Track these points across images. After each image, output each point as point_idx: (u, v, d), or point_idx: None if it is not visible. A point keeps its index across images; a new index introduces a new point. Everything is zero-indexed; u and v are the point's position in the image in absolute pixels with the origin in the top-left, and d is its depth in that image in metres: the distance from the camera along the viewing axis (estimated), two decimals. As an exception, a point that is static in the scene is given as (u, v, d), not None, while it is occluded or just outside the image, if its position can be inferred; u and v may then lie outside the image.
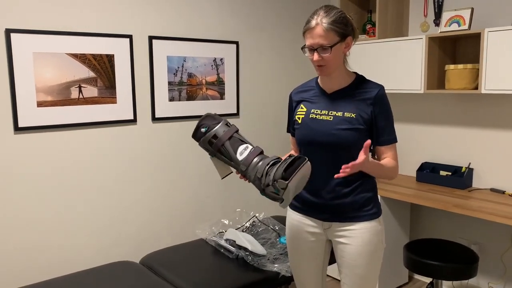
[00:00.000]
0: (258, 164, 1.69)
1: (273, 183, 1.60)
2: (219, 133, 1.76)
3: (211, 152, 1.79)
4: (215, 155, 1.79)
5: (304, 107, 1.82)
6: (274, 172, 1.61)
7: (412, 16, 3.26)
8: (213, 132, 1.76)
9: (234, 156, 1.73)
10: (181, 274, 2.24)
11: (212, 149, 1.77)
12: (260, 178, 1.66)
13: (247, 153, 1.72)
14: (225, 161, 1.77)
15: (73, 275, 2.24)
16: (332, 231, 1.81)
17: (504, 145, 2.86)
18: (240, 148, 1.74)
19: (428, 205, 2.68)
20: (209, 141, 1.76)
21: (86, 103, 2.55)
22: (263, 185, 1.65)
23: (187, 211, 3.07)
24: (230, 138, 1.76)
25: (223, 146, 1.75)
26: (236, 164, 1.73)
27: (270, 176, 1.62)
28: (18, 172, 2.37)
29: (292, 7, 3.47)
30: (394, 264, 3.19)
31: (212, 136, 1.75)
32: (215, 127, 1.77)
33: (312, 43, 1.67)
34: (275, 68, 3.44)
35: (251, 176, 1.69)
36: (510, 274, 2.91)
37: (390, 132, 1.76)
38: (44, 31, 2.36)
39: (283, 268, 2.25)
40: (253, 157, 1.71)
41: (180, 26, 2.90)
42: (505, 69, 2.50)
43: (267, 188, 1.64)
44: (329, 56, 1.67)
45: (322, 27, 1.64)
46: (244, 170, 1.70)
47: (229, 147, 1.74)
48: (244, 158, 1.71)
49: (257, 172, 1.67)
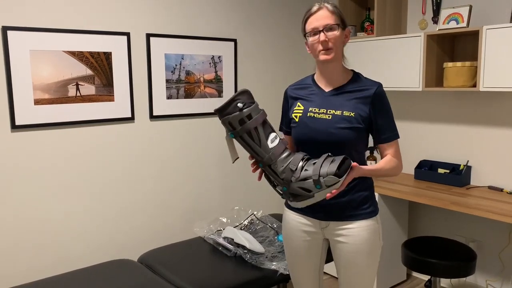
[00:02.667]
0: (289, 156, 1.61)
1: (319, 178, 1.52)
2: (254, 114, 1.60)
3: (237, 132, 1.60)
4: (240, 136, 1.62)
5: (301, 105, 1.81)
6: (321, 167, 1.53)
7: (410, 13, 3.25)
8: (248, 111, 1.59)
9: (265, 142, 1.60)
10: (179, 272, 2.24)
11: (241, 129, 1.59)
12: (293, 171, 1.57)
13: (277, 142, 1.63)
14: (250, 145, 1.61)
15: (71, 274, 2.24)
16: (330, 230, 1.81)
17: (502, 142, 2.86)
18: (271, 136, 1.63)
19: (426, 202, 2.68)
20: (241, 120, 1.59)
21: (83, 101, 2.54)
22: (295, 178, 1.57)
23: (185, 209, 3.06)
24: (263, 123, 1.63)
25: (256, 129, 1.60)
26: (265, 151, 1.60)
27: (317, 171, 1.53)
28: (15, 170, 2.37)
29: (290, 5, 3.47)
30: (392, 262, 3.19)
31: (247, 116, 1.59)
32: (251, 106, 1.61)
33: (317, 25, 1.68)
34: (273, 66, 3.43)
35: (279, 167, 1.59)
36: (508, 272, 2.91)
37: (391, 129, 1.76)
38: (41, 28, 2.35)
39: (281, 266, 2.25)
40: (283, 148, 1.63)
41: (178, 24, 2.89)
42: (503, 66, 2.50)
43: (298, 183, 1.56)
44: (336, 35, 1.69)
45: (327, 9, 1.69)
46: (272, 159, 1.60)
47: (262, 132, 1.61)
48: (274, 146, 1.61)
49: (290, 164, 1.58)
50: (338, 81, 1.78)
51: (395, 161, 1.76)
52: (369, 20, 3.36)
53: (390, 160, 1.76)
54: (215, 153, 3.17)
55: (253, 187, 3.41)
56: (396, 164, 1.76)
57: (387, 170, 1.74)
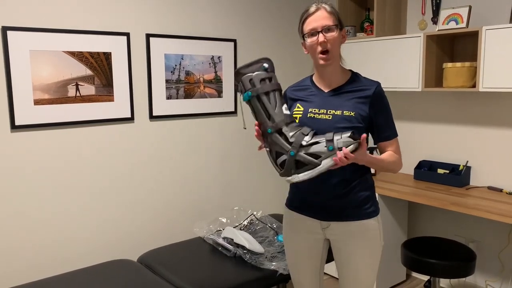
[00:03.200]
0: (300, 126, 1.64)
1: (333, 138, 1.53)
2: (275, 80, 1.65)
3: (256, 90, 1.62)
4: (257, 96, 1.63)
5: (300, 106, 1.81)
6: (333, 133, 1.56)
7: (410, 14, 3.25)
8: (271, 75, 1.64)
9: (280, 108, 1.62)
10: (178, 272, 2.24)
11: (261, 87, 1.61)
12: (305, 135, 1.59)
13: (289, 112, 1.67)
14: (266, 106, 1.63)
15: (71, 274, 2.24)
16: (331, 230, 1.81)
17: (501, 143, 2.86)
18: (285, 105, 1.66)
19: (426, 203, 2.68)
20: (263, 80, 1.63)
21: (83, 101, 2.54)
22: (306, 142, 1.57)
23: (184, 209, 3.06)
24: (280, 91, 1.67)
25: (274, 92, 1.64)
26: (278, 116, 1.61)
27: (330, 135, 1.54)
28: (15, 170, 2.36)
29: (289, 5, 3.47)
30: (392, 262, 3.19)
31: (269, 78, 1.63)
32: (273, 72, 1.67)
33: (316, 26, 1.68)
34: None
35: (290, 131, 1.60)
36: (507, 272, 2.92)
37: (390, 128, 1.77)
38: (41, 28, 2.35)
39: (280, 266, 2.25)
40: (293, 119, 1.66)
41: (178, 24, 2.89)
42: (503, 67, 2.50)
43: (307, 147, 1.56)
44: (334, 36, 1.69)
45: (325, 9, 1.70)
46: (286, 122, 1.61)
47: (279, 97, 1.64)
48: (287, 114, 1.64)
49: (303, 130, 1.60)
50: (337, 82, 1.78)
51: (396, 157, 1.77)
52: (369, 20, 3.36)
53: (392, 155, 1.77)
54: (215, 153, 3.17)
55: (253, 187, 3.41)
56: (396, 159, 1.77)
57: (388, 163, 1.74)
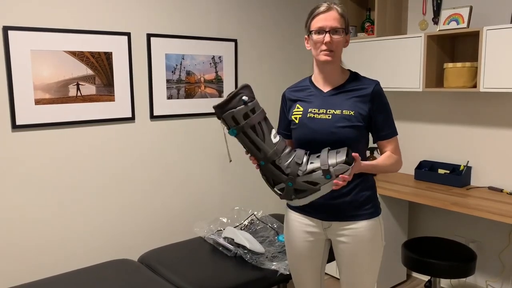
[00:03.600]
0: (292, 151, 1.59)
1: (328, 168, 1.49)
2: (257, 109, 1.55)
3: (241, 127, 1.54)
4: (244, 132, 1.55)
5: (300, 106, 1.81)
6: (328, 158, 1.51)
7: (410, 14, 3.25)
8: (252, 105, 1.54)
9: (268, 137, 1.56)
10: (179, 272, 2.24)
11: (245, 123, 1.54)
12: (299, 164, 1.54)
13: (279, 138, 1.60)
14: (254, 141, 1.56)
15: (72, 273, 2.24)
16: (332, 230, 1.81)
17: (502, 143, 2.86)
18: (273, 131, 1.59)
19: (426, 203, 2.68)
20: (246, 114, 1.54)
21: (84, 101, 2.54)
22: (302, 171, 1.53)
23: (185, 209, 3.06)
24: (265, 118, 1.59)
25: (259, 123, 1.56)
26: (269, 146, 1.56)
27: (325, 161, 1.50)
28: (16, 170, 2.36)
29: (290, 5, 3.47)
30: (392, 262, 3.19)
31: (251, 110, 1.54)
32: (254, 100, 1.56)
33: (325, 25, 1.68)
34: (274, 66, 3.43)
35: (283, 162, 1.55)
36: (508, 272, 2.92)
37: (389, 126, 1.77)
38: (42, 28, 2.35)
39: (281, 266, 2.25)
40: (285, 144, 1.61)
41: (179, 24, 2.89)
42: (504, 67, 2.50)
43: (304, 176, 1.53)
44: (340, 39, 1.70)
45: (336, 11, 1.70)
46: (277, 153, 1.56)
47: (266, 126, 1.57)
48: (277, 141, 1.57)
49: (296, 157, 1.55)
50: (336, 81, 1.79)
51: (394, 157, 1.77)
52: (370, 20, 3.36)
53: (390, 156, 1.77)
54: (216, 153, 3.17)
55: (253, 187, 3.41)
56: (395, 160, 1.77)
57: (386, 166, 1.75)
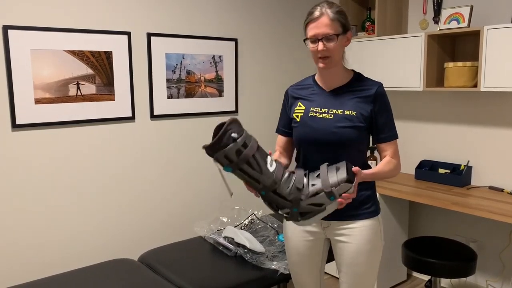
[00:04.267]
0: (290, 175, 1.53)
1: (331, 189, 1.45)
2: (248, 142, 1.47)
3: (235, 164, 1.47)
4: (239, 168, 1.48)
5: (302, 105, 1.81)
6: (328, 177, 1.46)
7: (411, 13, 3.25)
8: (243, 140, 1.46)
9: (265, 167, 1.48)
10: (179, 272, 2.23)
11: (239, 160, 1.46)
12: (300, 189, 1.49)
13: (275, 164, 1.52)
14: (251, 175, 1.49)
15: (72, 273, 2.24)
16: (331, 230, 1.81)
17: (502, 143, 2.86)
18: (268, 159, 1.52)
19: (427, 203, 2.68)
20: (238, 150, 1.46)
21: (84, 100, 2.54)
22: (305, 196, 1.49)
23: (185, 209, 3.06)
24: (258, 148, 1.50)
25: (253, 156, 1.48)
26: (267, 177, 1.49)
27: (326, 182, 1.44)
28: (16, 169, 2.36)
29: (291, 4, 3.46)
30: (393, 262, 3.19)
31: (242, 145, 1.46)
32: (243, 133, 1.48)
33: (317, 33, 1.66)
34: (274, 65, 3.43)
35: (284, 189, 1.49)
36: (508, 272, 2.91)
37: (390, 129, 1.76)
38: (42, 27, 2.35)
39: (281, 265, 2.25)
40: (283, 169, 1.53)
41: (179, 23, 2.89)
42: (504, 66, 2.50)
43: (308, 200, 1.48)
44: (334, 46, 1.67)
45: (328, 16, 1.65)
46: (276, 182, 1.50)
47: (260, 157, 1.49)
48: (275, 169, 1.50)
49: (296, 183, 1.50)
50: (339, 81, 1.78)
51: (393, 163, 1.76)
52: (370, 20, 3.36)
53: (389, 161, 1.76)
54: (216, 153, 3.17)
55: (254, 186, 3.41)
56: (394, 166, 1.77)
57: (386, 173, 1.74)
